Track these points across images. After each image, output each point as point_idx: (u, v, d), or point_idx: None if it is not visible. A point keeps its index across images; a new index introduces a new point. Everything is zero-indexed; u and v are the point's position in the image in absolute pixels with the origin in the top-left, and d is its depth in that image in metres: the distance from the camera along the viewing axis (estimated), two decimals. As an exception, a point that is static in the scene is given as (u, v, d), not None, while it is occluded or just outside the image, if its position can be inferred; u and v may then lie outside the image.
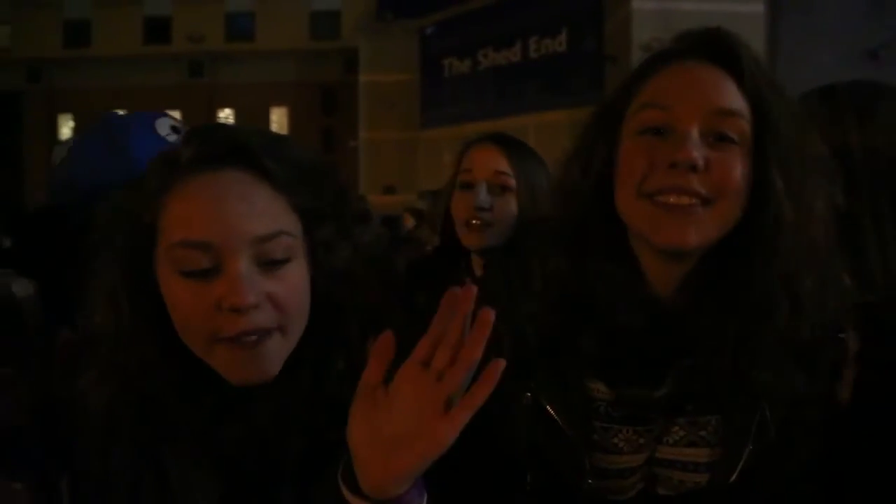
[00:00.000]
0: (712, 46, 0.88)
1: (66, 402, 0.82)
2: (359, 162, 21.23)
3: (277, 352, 0.79)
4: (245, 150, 0.78)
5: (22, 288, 0.98)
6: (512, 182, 1.58)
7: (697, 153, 0.83)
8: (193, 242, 0.75)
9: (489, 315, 0.64)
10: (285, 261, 0.78)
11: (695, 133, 0.84)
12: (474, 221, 1.56)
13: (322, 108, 24.57)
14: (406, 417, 0.67)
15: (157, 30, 25.59)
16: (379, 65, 21.81)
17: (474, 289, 0.65)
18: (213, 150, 0.78)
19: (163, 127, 1.18)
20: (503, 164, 1.59)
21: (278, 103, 24.21)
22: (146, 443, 0.81)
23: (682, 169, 0.83)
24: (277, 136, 0.85)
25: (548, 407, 0.93)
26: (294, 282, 0.79)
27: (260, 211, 0.77)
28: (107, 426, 0.80)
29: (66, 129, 26.50)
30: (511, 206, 1.58)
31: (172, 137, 1.19)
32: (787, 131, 0.86)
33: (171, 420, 0.80)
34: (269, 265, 0.77)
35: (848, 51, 13.10)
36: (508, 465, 0.96)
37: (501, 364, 0.65)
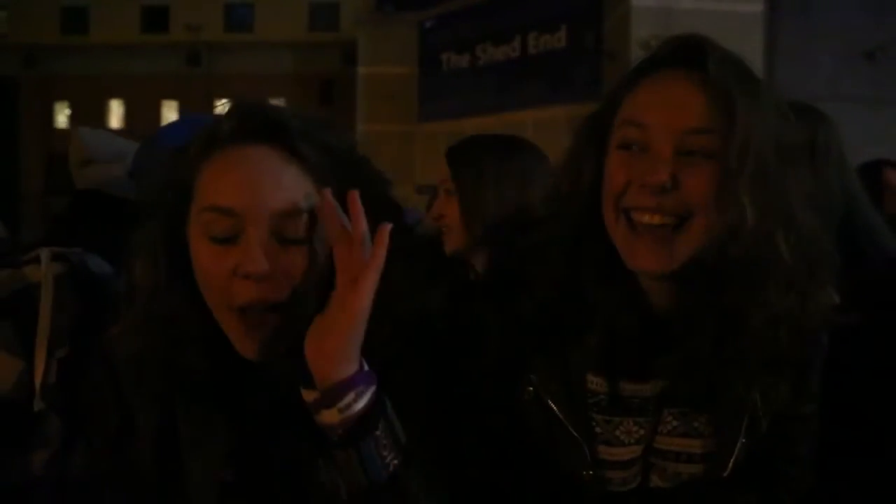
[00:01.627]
0: (687, 55, 0.89)
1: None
2: (356, 155, 21.25)
3: (282, 333, 0.82)
4: (281, 129, 0.83)
5: (97, 265, 0.99)
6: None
7: (667, 174, 0.86)
8: (220, 208, 0.80)
9: (355, 197, 0.76)
10: (305, 239, 0.82)
11: (668, 153, 0.87)
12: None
13: (320, 100, 24.51)
14: (331, 305, 0.77)
15: (155, 18, 25.49)
16: (377, 58, 21.77)
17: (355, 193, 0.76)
18: (251, 126, 0.83)
19: None
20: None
21: (276, 95, 24.11)
22: (166, 395, 0.84)
23: (653, 189, 0.86)
24: (317, 120, 0.89)
25: (549, 402, 0.95)
26: (306, 263, 0.82)
27: (285, 187, 0.82)
28: (132, 373, 0.84)
29: (61, 116, 26.40)
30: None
31: None
32: (759, 145, 0.86)
33: (192, 377, 0.84)
34: (289, 241, 0.81)
35: (846, 51, 13.14)
36: (509, 459, 0.97)
37: (388, 227, 0.76)
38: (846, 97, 12.53)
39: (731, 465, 0.94)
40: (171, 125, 1.45)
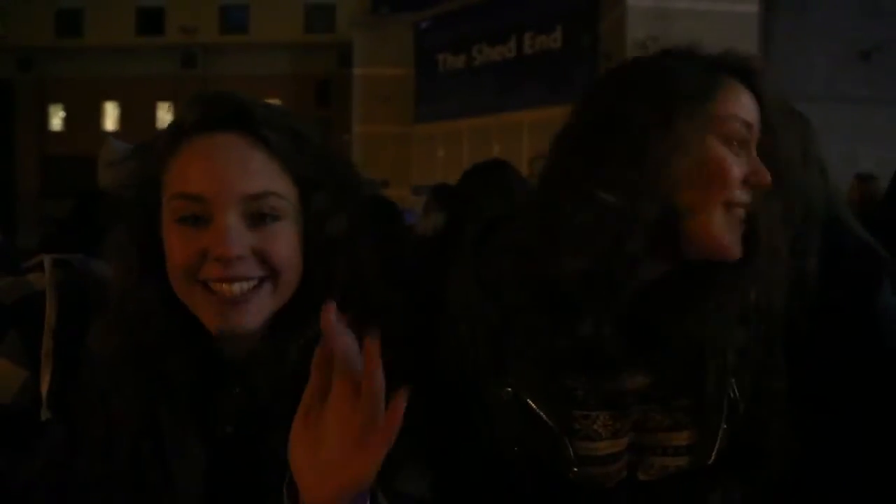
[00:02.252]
0: (744, 73, 0.94)
1: None
2: (352, 156, 21.22)
3: (263, 304, 0.82)
4: (245, 116, 0.83)
5: (99, 268, 0.98)
6: None
7: None
8: (188, 195, 0.81)
9: (375, 347, 0.64)
10: (274, 218, 0.82)
11: None
12: None
13: (315, 102, 24.51)
14: (333, 443, 0.67)
15: (150, 20, 25.46)
16: (373, 59, 21.78)
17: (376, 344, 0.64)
18: (215, 114, 0.84)
19: None
20: None
21: (271, 96, 24.14)
22: (144, 399, 0.83)
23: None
24: (281, 109, 0.89)
25: (528, 401, 0.95)
26: (282, 239, 0.83)
27: (252, 171, 0.82)
28: (109, 375, 0.83)
29: (56, 118, 26.36)
30: None
31: None
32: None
33: (168, 376, 0.83)
34: (258, 221, 0.82)
35: (841, 51, 13.18)
36: (495, 461, 0.97)
37: (403, 400, 0.64)
38: (842, 97, 12.57)
39: (714, 452, 0.96)
40: None
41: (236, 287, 0.80)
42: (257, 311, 0.81)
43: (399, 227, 2.66)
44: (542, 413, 0.94)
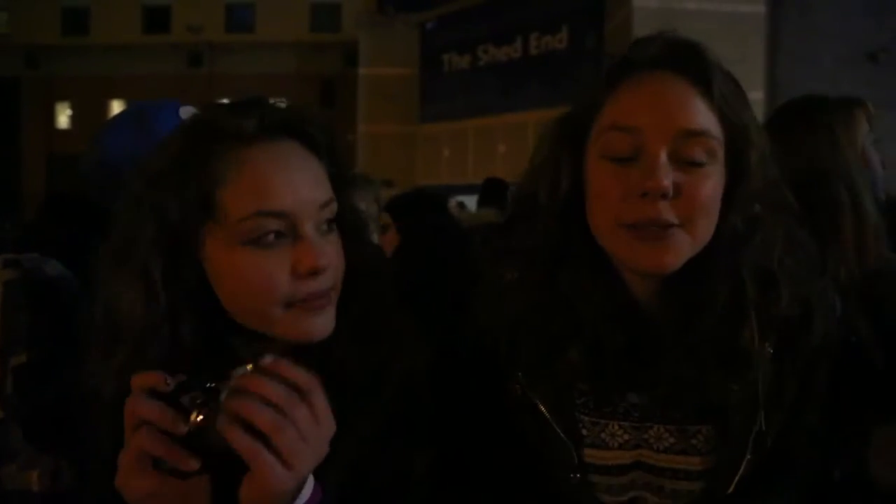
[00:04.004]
0: (679, 57, 0.86)
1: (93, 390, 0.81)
2: (357, 156, 21.21)
3: (334, 312, 0.83)
4: (298, 122, 0.84)
5: (52, 268, 0.98)
6: None
7: (668, 181, 0.81)
8: (269, 212, 0.77)
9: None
10: (332, 227, 0.84)
11: (664, 157, 0.82)
12: None
13: (321, 101, 24.48)
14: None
15: (157, 19, 25.50)
16: (379, 58, 21.75)
17: None
18: (273, 122, 0.82)
19: (185, 113, 1.29)
20: None
21: (277, 95, 24.02)
22: None
23: (653, 197, 0.82)
24: (307, 108, 0.90)
25: (537, 402, 0.94)
26: (339, 246, 0.85)
27: (317, 179, 0.82)
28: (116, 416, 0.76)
29: (63, 116, 26.42)
30: None
31: None
32: (759, 149, 0.86)
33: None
34: (325, 231, 0.82)
35: (848, 52, 13.11)
36: (501, 458, 0.97)
37: None
38: (848, 98, 12.50)
39: (735, 482, 0.90)
40: (113, 131, 1.34)
41: (324, 299, 0.81)
42: (333, 320, 0.82)
43: (442, 217, 2.69)
44: (549, 416, 0.93)
